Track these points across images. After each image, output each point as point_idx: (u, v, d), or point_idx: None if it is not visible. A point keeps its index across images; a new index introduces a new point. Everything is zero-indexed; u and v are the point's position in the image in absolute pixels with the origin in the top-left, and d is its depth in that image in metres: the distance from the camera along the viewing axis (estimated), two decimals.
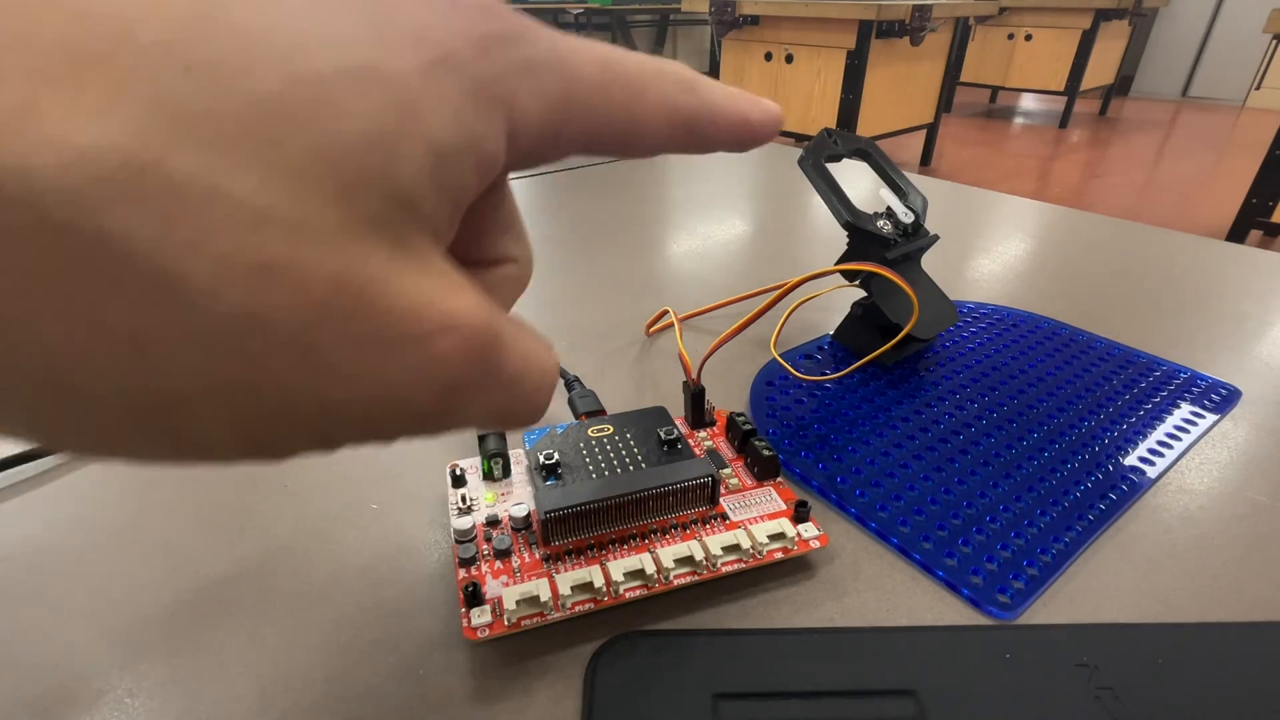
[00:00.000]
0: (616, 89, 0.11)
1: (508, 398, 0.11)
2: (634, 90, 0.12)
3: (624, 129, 0.12)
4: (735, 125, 0.13)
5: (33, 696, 0.17)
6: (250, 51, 0.08)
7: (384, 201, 0.09)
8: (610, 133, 0.12)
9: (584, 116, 0.11)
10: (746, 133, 0.14)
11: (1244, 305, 0.38)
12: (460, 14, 0.10)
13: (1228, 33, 4.41)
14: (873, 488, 0.24)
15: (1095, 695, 0.16)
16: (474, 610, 0.18)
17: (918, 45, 2.55)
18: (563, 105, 0.11)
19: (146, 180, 0.07)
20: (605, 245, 0.45)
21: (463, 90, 0.09)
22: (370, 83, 0.08)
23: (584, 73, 0.11)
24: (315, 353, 0.08)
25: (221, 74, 0.07)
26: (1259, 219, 2.02)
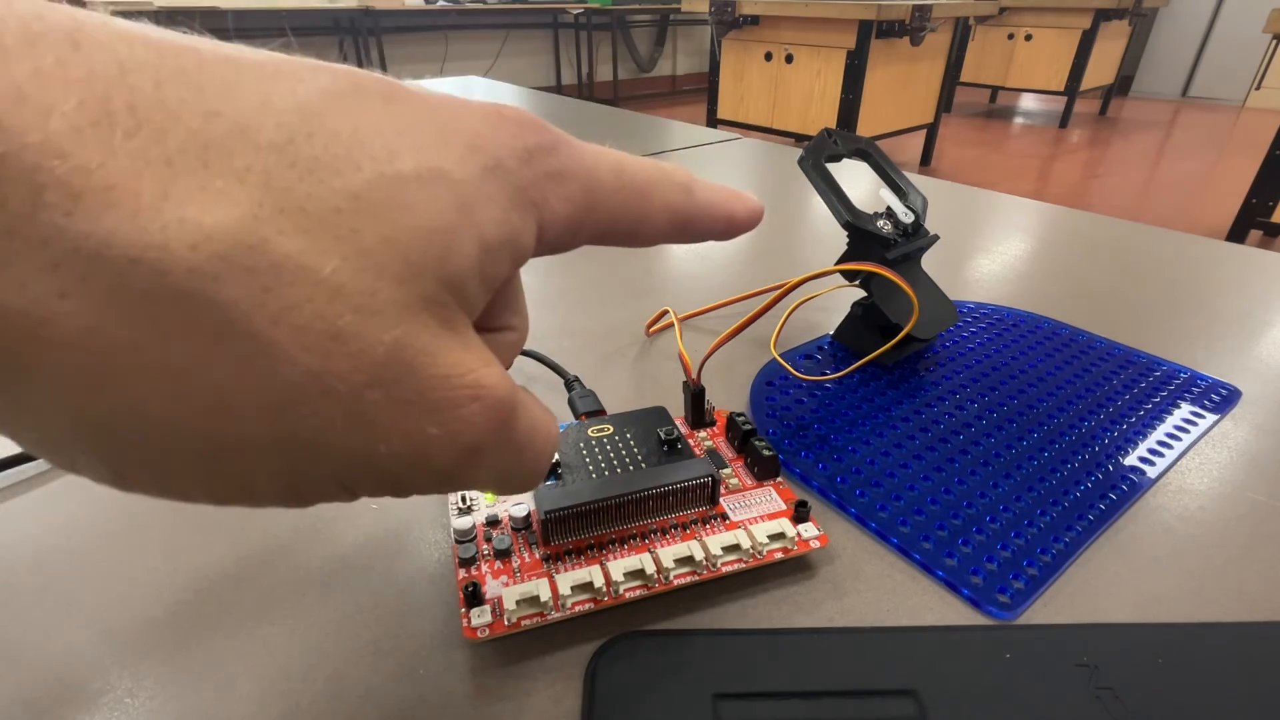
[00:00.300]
0: (628, 193, 0.14)
1: (516, 461, 0.12)
2: (642, 194, 0.14)
3: (631, 226, 0.14)
4: (722, 221, 0.16)
5: (33, 696, 0.17)
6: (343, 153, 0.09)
7: (438, 285, 0.10)
8: (620, 229, 0.14)
9: (600, 216, 0.13)
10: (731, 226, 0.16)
11: (1244, 305, 0.38)
12: (507, 128, 0.11)
13: (1228, 33, 4.42)
14: (873, 488, 0.24)
15: (1095, 695, 0.16)
16: (474, 610, 0.18)
17: (918, 45, 2.55)
18: (585, 206, 0.13)
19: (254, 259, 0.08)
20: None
21: (507, 193, 0.11)
22: (439, 184, 0.10)
23: (603, 179, 0.13)
24: (367, 412, 0.10)
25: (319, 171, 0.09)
26: (1259, 219, 2.02)
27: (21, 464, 0.24)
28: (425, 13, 3.70)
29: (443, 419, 0.10)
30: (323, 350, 0.09)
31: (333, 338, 0.09)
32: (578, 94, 4.26)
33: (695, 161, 0.66)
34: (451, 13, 3.79)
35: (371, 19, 3.44)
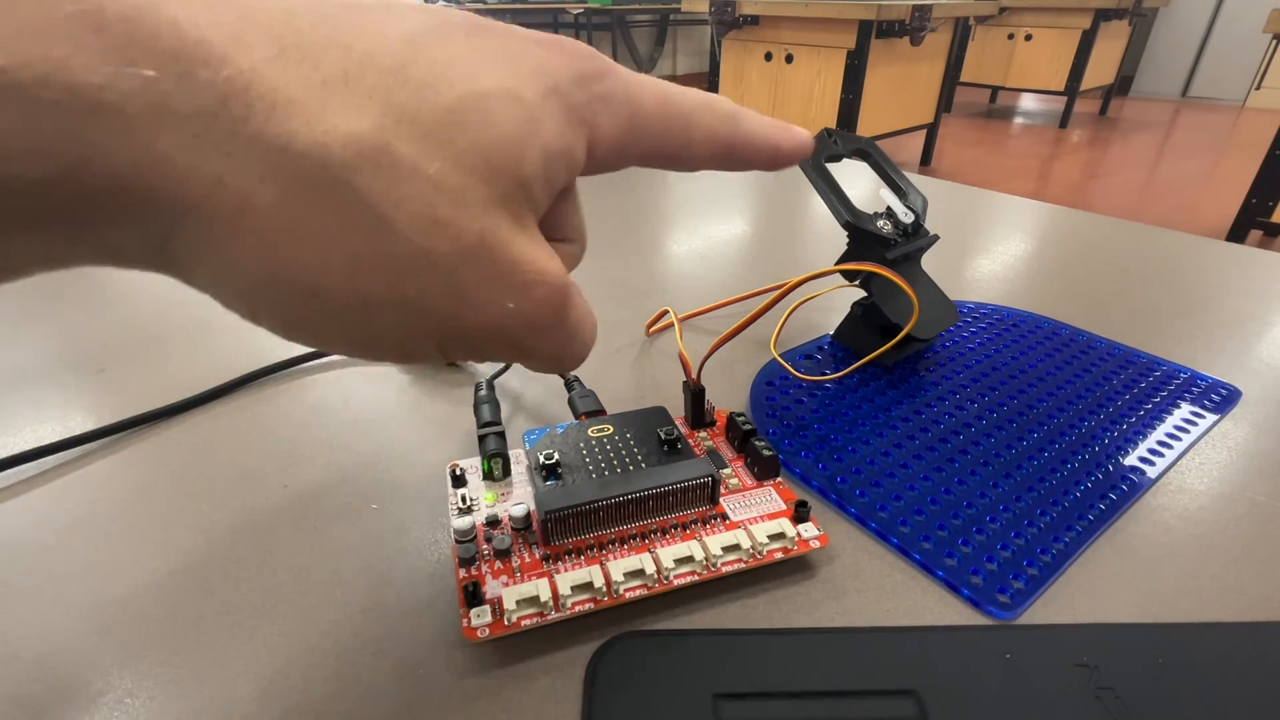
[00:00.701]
0: (672, 118, 0.15)
1: (568, 342, 0.15)
2: (685, 120, 0.16)
3: (675, 150, 0.16)
4: (767, 150, 0.17)
5: (33, 696, 0.17)
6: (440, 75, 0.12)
7: (513, 185, 0.12)
8: (664, 152, 0.16)
9: (644, 138, 0.15)
10: (777, 156, 0.18)
11: (1244, 305, 0.38)
12: (565, 56, 0.14)
13: (1228, 33, 4.41)
14: (873, 488, 0.23)
15: (1095, 695, 0.16)
16: (474, 610, 0.18)
17: (918, 45, 2.55)
18: (629, 128, 0.15)
19: (382, 157, 0.11)
20: (605, 245, 0.45)
21: (564, 112, 0.13)
22: (512, 101, 0.12)
23: (647, 105, 0.15)
24: (459, 283, 0.12)
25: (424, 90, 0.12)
26: (1259, 219, 2.02)
27: (21, 464, 0.24)
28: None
29: (516, 296, 0.13)
30: (428, 232, 0.12)
31: (435, 223, 0.12)
32: None
33: None
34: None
35: None
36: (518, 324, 0.13)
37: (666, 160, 0.16)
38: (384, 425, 0.27)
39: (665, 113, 0.15)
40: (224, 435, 0.26)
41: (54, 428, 0.27)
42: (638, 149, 0.15)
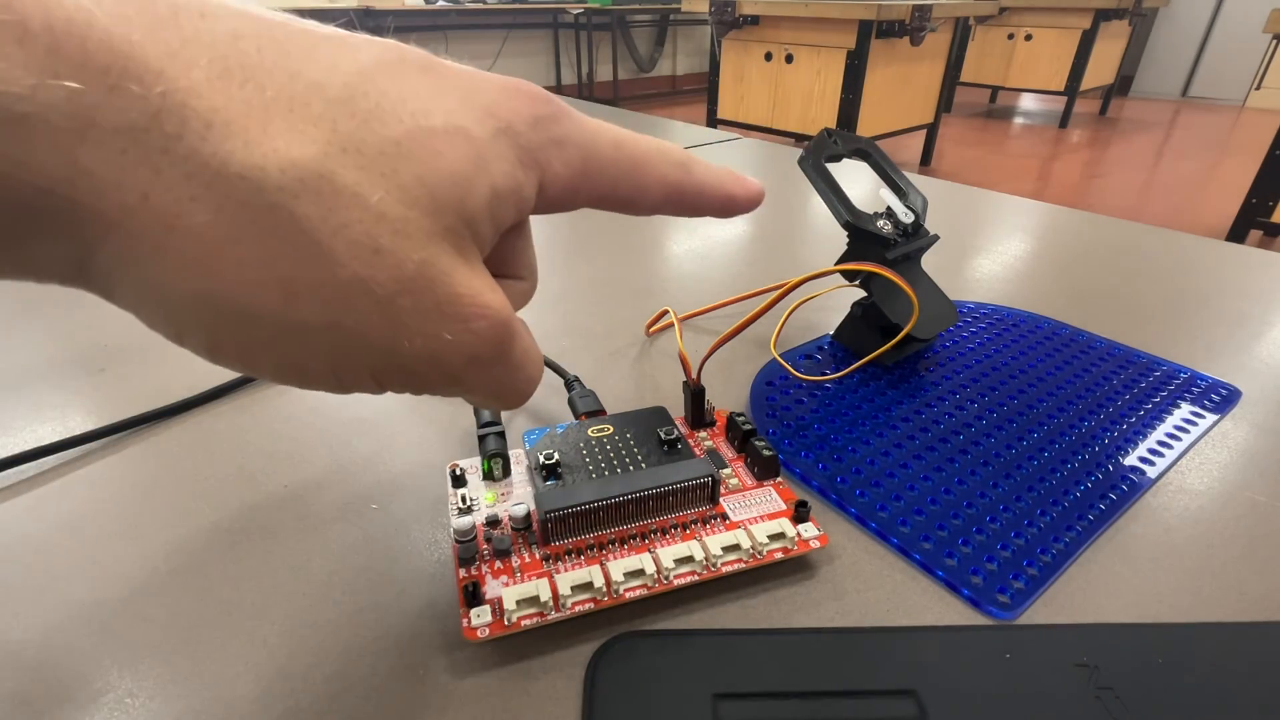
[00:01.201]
0: (625, 163, 0.16)
1: (507, 378, 0.14)
2: (638, 166, 0.16)
3: (627, 194, 0.16)
4: (719, 198, 0.18)
5: (33, 696, 0.17)
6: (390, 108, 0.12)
7: (457, 220, 0.12)
8: (616, 195, 0.16)
9: (597, 182, 0.15)
10: (729, 205, 0.18)
11: (1244, 305, 0.38)
12: (520, 99, 0.14)
13: (1228, 33, 4.41)
14: (873, 488, 0.23)
15: (1095, 695, 0.16)
16: (474, 610, 0.18)
17: (918, 45, 2.55)
18: (582, 171, 0.15)
19: (322, 184, 0.11)
20: (605, 245, 0.45)
21: (515, 152, 0.13)
22: (461, 139, 0.13)
23: (601, 150, 0.15)
24: (397, 313, 0.12)
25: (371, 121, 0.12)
26: (1259, 219, 2.02)
27: (21, 464, 0.24)
28: (425, 13, 3.70)
29: (455, 329, 0.13)
30: (367, 261, 0.11)
31: (375, 252, 0.12)
32: (578, 94, 4.26)
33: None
34: (451, 13, 3.79)
35: (372, 19, 3.43)
36: (457, 357, 0.13)
37: (619, 204, 0.16)
38: (384, 425, 0.27)
39: (618, 157, 0.15)
40: (224, 435, 0.26)
41: (54, 428, 0.27)
42: (590, 192, 0.15)
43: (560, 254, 0.44)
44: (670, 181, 0.16)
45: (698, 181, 0.17)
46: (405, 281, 0.12)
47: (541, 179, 0.14)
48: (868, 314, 0.31)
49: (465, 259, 0.13)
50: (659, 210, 0.17)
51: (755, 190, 0.18)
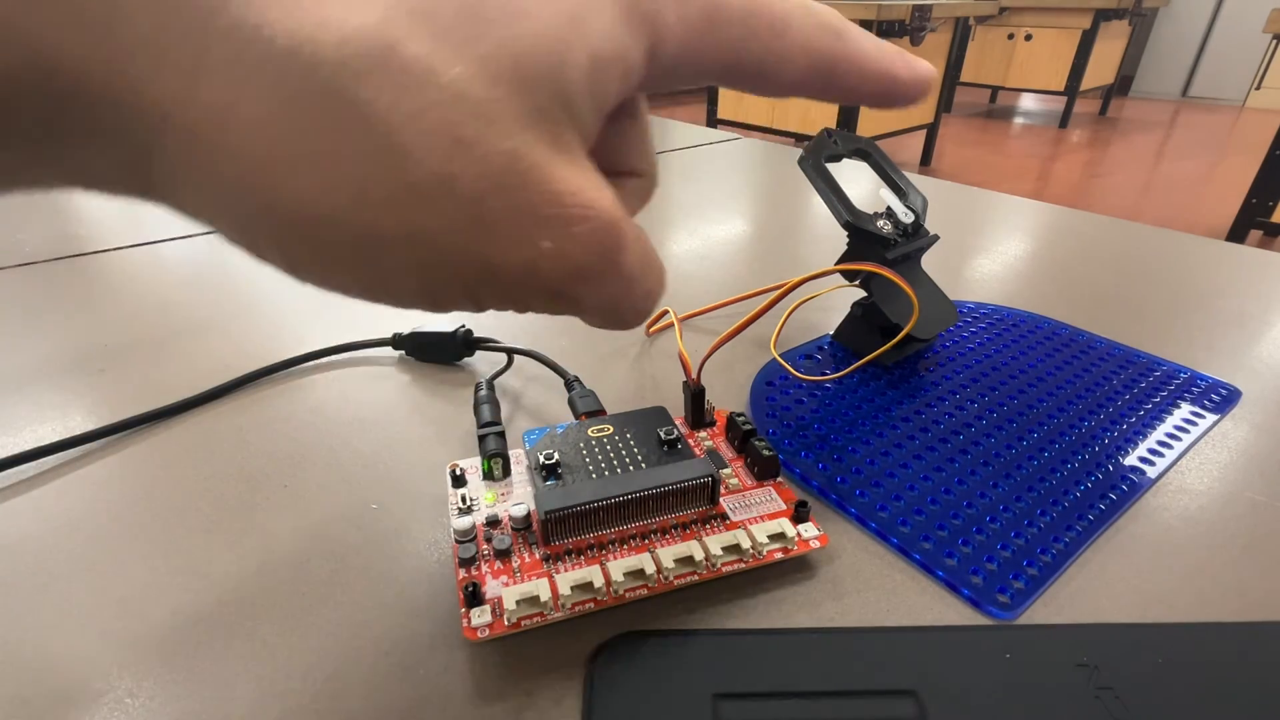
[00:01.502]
0: (760, 20, 0.12)
1: (621, 293, 0.12)
2: (777, 25, 0.13)
3: (761, 61, 0.13)
4: (878, 77, 0.14)
5: (33, 696, 0.17)
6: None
7: (551, 97, 0.10)
8: (748, 62, 0.13)
9: (723, 42, 0.12)
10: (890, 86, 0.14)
11: (1244, 305, 0.38)
12: None
13: (1228, 33, 4.41)
14: (873, 488, 0.23)
15: (1095, 695, 0.16)
16: (474, 610, 0.18)
17: (918, 45, 2.55)
18: (703, 28, 0.12)
19: (389, 59, 0.09)
20: None
21: (617, 6, 0.11)
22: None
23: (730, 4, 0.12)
24: (485, 215, 0.10)
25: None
26: (1259, 219, 2.02)
27: (22, 464, 0.24)
28: None
29: (554, 234, 0.11)
30: (447, 154, 0.10)
31: (456, 142, 0.10)
32: None
33: (695, 161, 0.66)
34: None
35: None
36: (558, 268, 0.11)
37: (751, 75, 0.13)
38: (384, 425, 0.27)
39: (753, 12, 0.12)
40: (224, 435, 0.26)
41: (54, 428, 0.27)
42: (714, 56, 0.12)
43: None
44: (819, 48, 0.13)
45: (853, 52, 0.14)
46: (493, 177, 0.10)
47: (652, 38, 0.12)
48: (868, 314, 0.31)
49: (563, 148, 0.11)
50: (799, 89, 0.14)
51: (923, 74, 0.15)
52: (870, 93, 0.14)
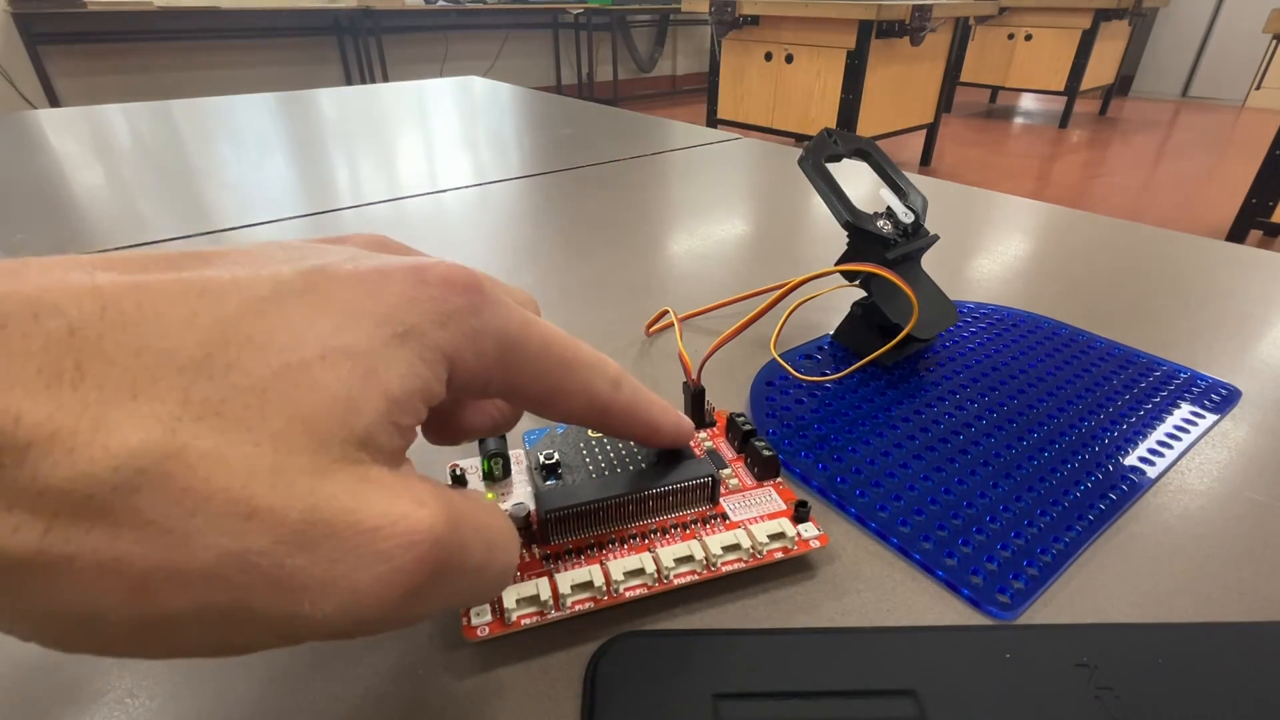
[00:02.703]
0: (550, 362, 0.15)
1: (469, 587, 0.13)
2: (564, 369, 0.15)
3: (546, 395, 0.15)
4: (642, 426, 0.18)
5: (33, 696, 0.17)
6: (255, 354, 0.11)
7: (346, 444, 0.11)
8: (533, 393, 0.15)
9: (514, 375, 0.14)
10: (652, 435, 0.18)
11: (1244, 305, 0.38)
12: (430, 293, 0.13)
13: (1228, 33, 4.42)
14: (873, 488, 0.24)
15: (1095, 695, 0.16)
16: (474, 609, 0.18)
17: (918, 45, 2.55)
18: (497, 363, 0.14)
19: (171, 465, 0.10)
20: (605, 245, 0.45)
21: (418, 353, 0.12)
22: (341, 359, 0.11)
23: (525, 344, 0.14)
24: (293, 577, 0.10)
25: (232, 375, 0.11)
26: (1259, 219, 2.02)
27: None
28: (425, 13, 3.70)
29: (376, 572, 0.11)
30: (239, 531, 0.10)
31: (248, 517, 0.10)
32: (578, 94, 4.26)
33: (695, 161, 0.66)
34: (451, 13, 3.79)
35: (371, 19, 3.44)
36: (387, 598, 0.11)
37: (535, 401, 0.15)
38: None
39: (544, 354, 0.15)
40: None
41: None
42: (504, 383, 0.14)
43: (559, 253, 0.44)
44: (594, 393, 0.16)
45: (623, 403, 0.17)
46: (294, 538, 0.10)
47: (450, 370, 0.13)
48: (868, 314, 0.31)
49: (372, 479, 0.11)
50: (574, 420, 0.16)
51: (684, 428, 0.18)
52: (637, 436, 0.18)
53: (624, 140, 0.73)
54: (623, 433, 0.17)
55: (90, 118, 0.80)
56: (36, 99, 2.80)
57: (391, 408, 0.12)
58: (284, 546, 0.10)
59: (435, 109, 0.91)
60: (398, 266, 0.13)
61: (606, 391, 0.16)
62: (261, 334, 0.11)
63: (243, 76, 3.30)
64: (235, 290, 0.11)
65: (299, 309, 0.12)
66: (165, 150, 0.68)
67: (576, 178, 0.60)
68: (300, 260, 0.12)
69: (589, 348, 0.16)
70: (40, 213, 0.50)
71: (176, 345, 0.10)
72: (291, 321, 0.11)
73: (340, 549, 0.11)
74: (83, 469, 0.09)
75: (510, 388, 0.15)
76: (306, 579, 0.11)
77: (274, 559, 0.10)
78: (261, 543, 0.10)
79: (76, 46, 2.89)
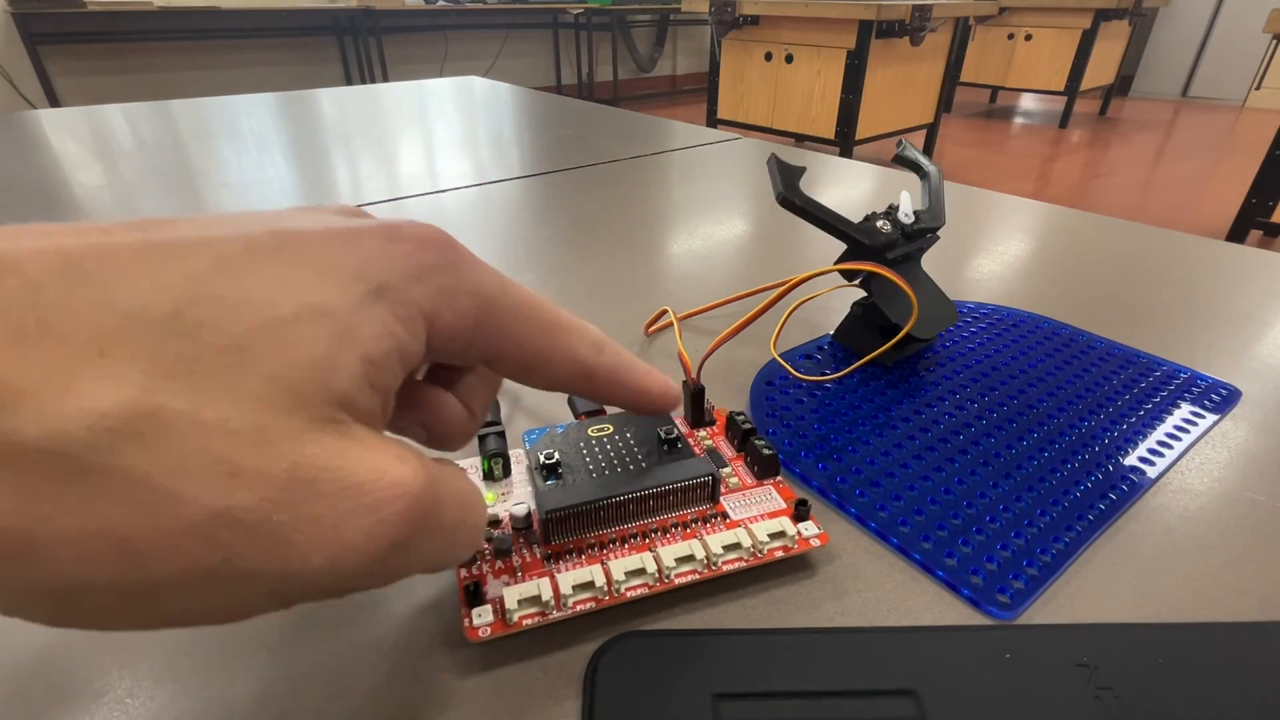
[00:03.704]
0: (530, 325, 0.15)
1: (446, 544, 0.13)
2: (545, 332, 0.15)
3: (528, 359, 0.15)
4: (628, 391, 0.17)
5: (33, 696, 0.17)
6: (227, 312, 0.11)
7: (326, 405, 0.11)
8: (515, 358, 0.15)
9: (494, 337, 0.14)
10: (638, 400, 0.17)
11: (1244, 305, 0.38)
12: (403, 249, 0.13)
13: (1228, 33, 4.42)
14: (873, 488, 0.24)
15: (1095, 695, 0.16)
16: (475, 610, 0.18)
17: (918, 45, 2.55)
18: (476, 323, 0.14)
19: (146, 424, 0.10)
20: (605, 245, 0.45)
21: (392, 310, 0.12)
22: (317, 318, 0.11)
23: (504, 305, 0.14)
24: (278, 533, 0.10)
25: (203, 333, 0.10)
26: (1259, 219, 2.02)
27: None
28: (425, 13, 3.70)
29: (362, 524, 0.11)
30: (223, 489, 0.10)
31: (231, 475, 0.10)
32: (578, 94, 4.26)
33: (695, 161, 0.66)
34: (451, 13, 3.79)
35: (371, 19, 3.44)
36: (372, 552, 0.11)
37: (516, 367, 0.15)
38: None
39: (524, 316, 0.14)
40: None
41: None
42: (485, 346, 0.14)
43: (559, 253, 0.44)
44: (579, 357, 0.16)
45: (609, 366, 0.16)
46: (278, 495, 0.10)
47: (428, 330, 0.13)
48: (868, 314, 0.31)
49: (353, 438, 0.12)
50: (558, 386, 0.16)
51: (670, 394, 0.18)
52: (622, 400, 0.17)
53: (624, 140, 0.73)
54: (609, 398, 0.17)
55: (90, 118, 0.80)
56: (36, 99, 2.80)
57: (369, 368, 0.12)
58: (270, 504, 0.10)
59: (435, 109, 0.91)
60: (370, 225, 0.13)
61: (590, 355, 0.16)
62: (234, 291, 0.11)
63: (243, 76, 3.30)
64: (204, 248, 0.11)
65: (271, 267, 0.11)
66: (165, 150, 0.68)
67: (576, 178, 0.60)
68: (271, 222, 0.12)
69: (568, 313, 0.16)
70: (40, 213, 0.50)
71: (145, 302, 0.10)
72: (264, 279, 0.11)
73: (327, 504, 0.11)
74: (55, 428, 0.09)
75: (491, 351, 0.14)
76: (294, 534, 0.11)
77: (261, 515, 0.10)
78: (248, 500, 0.10)
79: (76, 46, 2.89)
